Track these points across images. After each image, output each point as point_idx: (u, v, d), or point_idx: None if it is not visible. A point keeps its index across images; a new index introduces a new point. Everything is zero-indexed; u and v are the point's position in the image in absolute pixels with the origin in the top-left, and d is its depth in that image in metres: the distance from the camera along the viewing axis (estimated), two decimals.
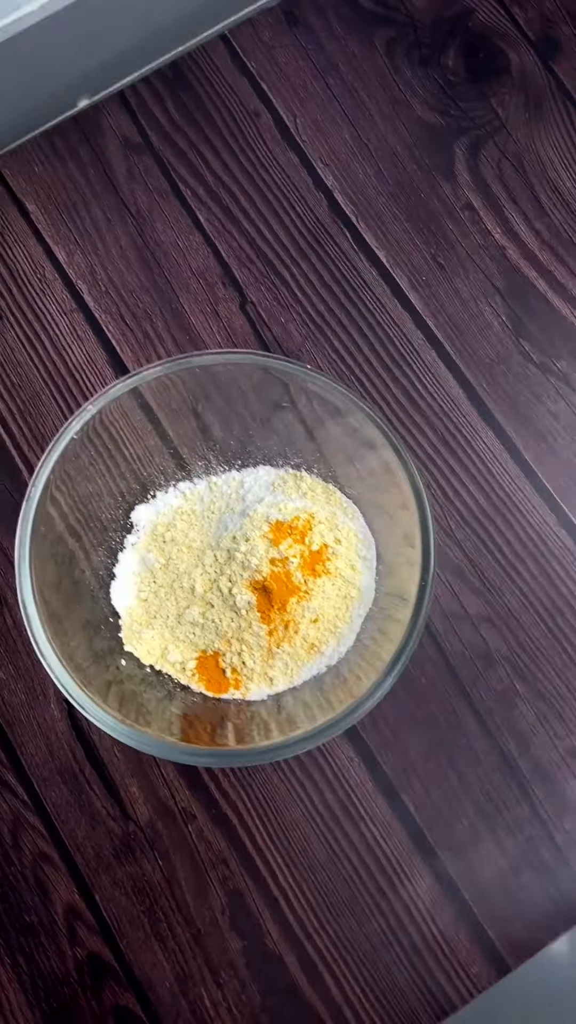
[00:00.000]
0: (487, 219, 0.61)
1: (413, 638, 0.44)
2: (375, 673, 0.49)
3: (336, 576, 0.50)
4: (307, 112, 0.63)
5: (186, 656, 0.51)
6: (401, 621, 0.48)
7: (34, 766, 0.53)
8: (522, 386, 0.58)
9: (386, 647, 0.49)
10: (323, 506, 0.53)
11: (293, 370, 0.50)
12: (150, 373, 0.50)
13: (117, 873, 0.51)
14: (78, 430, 0.48)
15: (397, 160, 0.62)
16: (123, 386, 0.49)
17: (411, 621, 0.44)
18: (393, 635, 0.49)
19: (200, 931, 0.51)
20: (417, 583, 0.45)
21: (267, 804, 0.52)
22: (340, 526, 0.52)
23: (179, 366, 0.50)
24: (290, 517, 0.51)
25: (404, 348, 0.59)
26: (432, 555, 0.45)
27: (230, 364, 0.51)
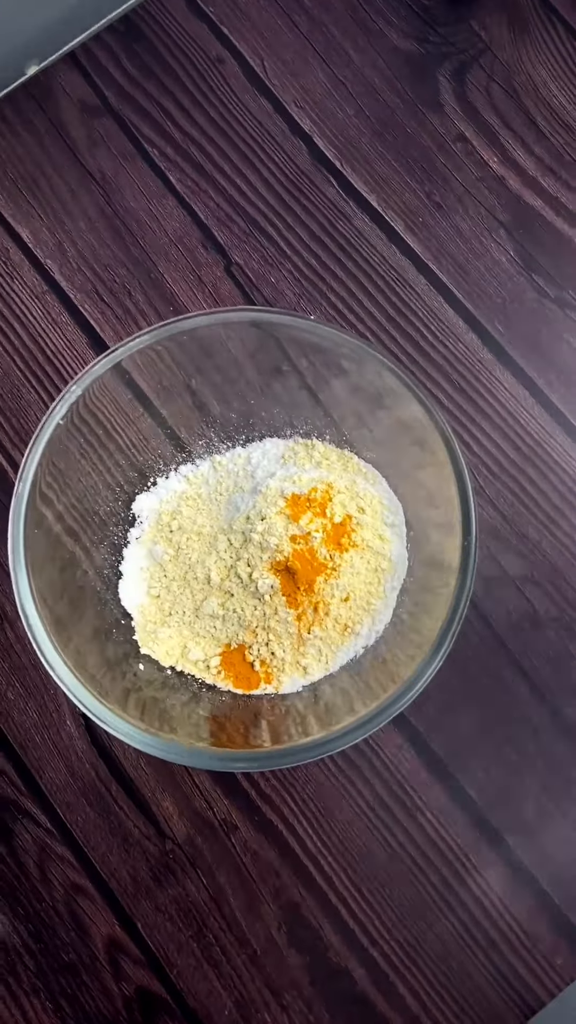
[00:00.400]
0: (482, 149, 0.56)
1: (461, 607, 0.40)
2: (416, 650, 0.44)
3: (364, 548, 0.46)
4: (275, 53, 0.58)
5: (209, 653, 0.47)
6: (440, 591, 0.44)
7: (55, 790, 0.48)
8: (540, 324, 0.53)
9: (426, 621, 0.45)
10: (340, 474, 0.48)
11: (289, 322, 0.46)
12: (134, 344, 0.45)
13: (158, 897, 0.47)
14: (64, 415, 0.43)
15: (378, 95, 0.57)
16: (107, 361, 0.44)
17: (457, 588, 0.40)
18: (432, 607, 0.44)
19: (256, 951, 0.46)
20: (459, 545, 0.40)
21: (314, 805, 0.47)
22: (362, 493, 0.47)
23: (163, 334, 0.45)
24: (307, 489, 0.46)
25: (408, 296, 0.54)
26: (473, 511, 0.40)
27: (219, 325, 0.46)
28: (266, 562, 0.45)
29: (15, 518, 0.41)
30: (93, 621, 0.47)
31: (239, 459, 0.50)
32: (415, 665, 0.42)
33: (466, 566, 0.40)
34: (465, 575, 0.40)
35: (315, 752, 0.40)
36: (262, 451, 0.50)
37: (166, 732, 0.42)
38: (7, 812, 0.48)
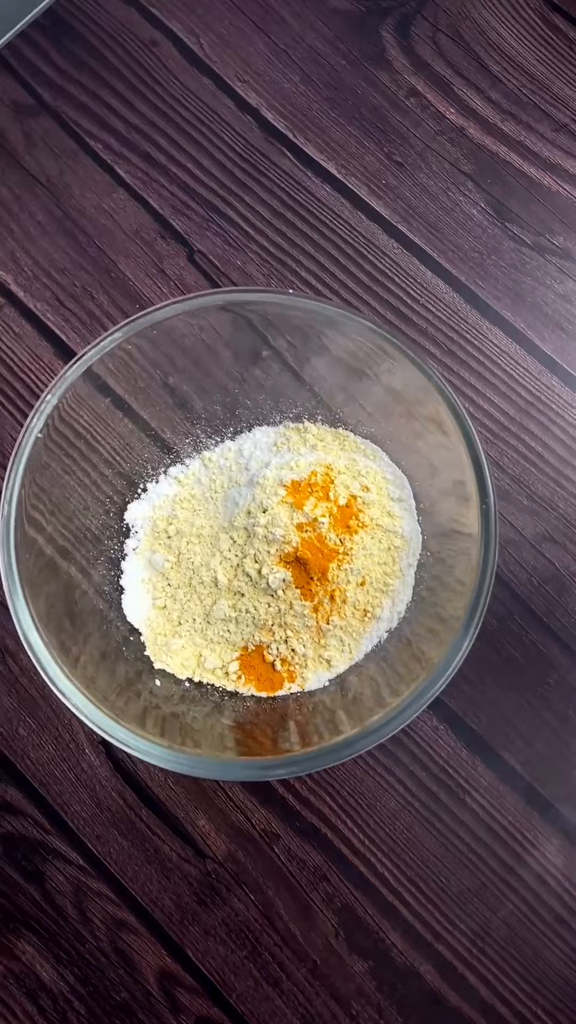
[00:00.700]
0: (436, 102, 0.54)
1: (488, 578, 0.37)
2: (441, 626, 0.42)
3: (373, 527, 0.44)
4: (210, 29, 0.56)
5: (226, 658, 0.44)
6: (458, 560, 0.42)
7: (83, 824, 0.45)
8: (521, 274, 0.51)
9: (447, 596, 0.42)
10: (338, 454, 0.46)
11: (261, 299, 0.43)
12: (104, 345, 0.43)
13: (206, 921, 0.44)
14: (41, 428, 0.40)
15: (322, 60, 0.55)
16: (78, 367, 0.42)
17: (481, 558, 0.37)
18: (452, 579, 0.42)
19: (316, 962, 0.44)
20: (478, 511, 0.38)
21: (356, 801, 0.45)
22: (364, 471, 0.45)
23: (132, 331, 0.43)
24: (306, 474, 0.44)
25: (381, 262, 0.52)
26: (487, 473, 0.38)
27: (187, 315, 0.44)
28: (274, 555, 0.43)
29: (4, 543, 0.38)
30: (99, 642, 0.44)
31: (230, 453, 0.48)
32: (443, 643, 0.39)
33: (488, 531, 0.37)
34: (488, 541, 0.38)
35: (355, 748, 0.37)
36: (253, 441, 0.48)
37: (190, 747, 0.40)
38: (36, 854, 0.45)
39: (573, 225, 0.52)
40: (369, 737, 0.37)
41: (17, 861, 0.45)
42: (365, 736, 0.37)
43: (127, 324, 0.43)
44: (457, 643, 0.37)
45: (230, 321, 0.46)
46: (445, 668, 0.37)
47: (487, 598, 0.37)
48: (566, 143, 0.53)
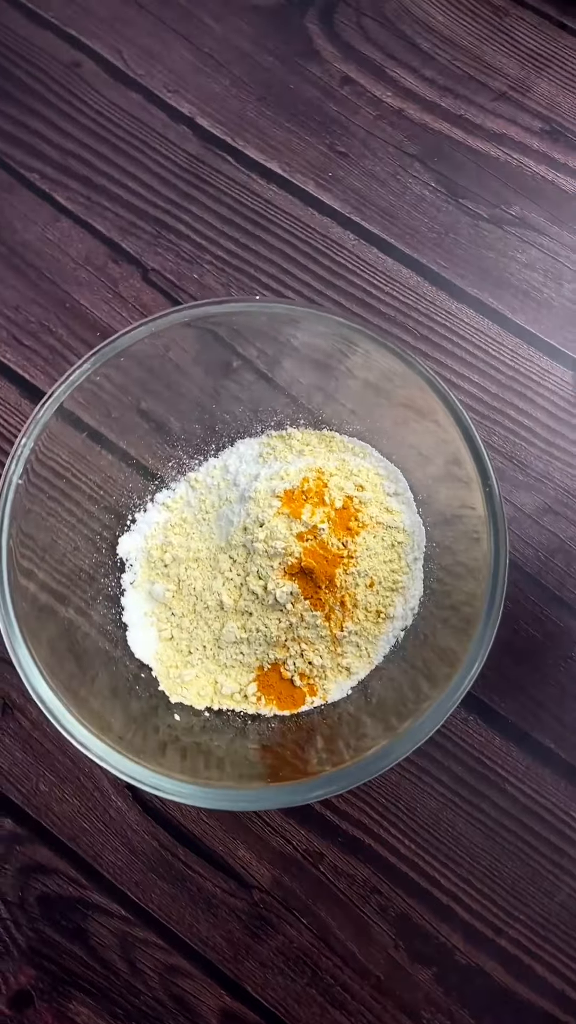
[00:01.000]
0: (372, 86, 0.53)
1: (502, 560, 0.36)
2: (453, 614, 0.41)
3: (374, 526, 0.42)
4: (131, 42, 0.54)
5: (242, 681, 0.43)
6: (464, 547, 0.41)
7: (119, 873, 0.44)
8: (482, 248, 0.50)
9: (458, 585, 0.42)
10: (327, 456, 0.45)
11: (222, 310, 0.42)
12: (73, 379, 0.41)
13: (261, 953, 0.43)
14: (20, 474, 0.39)
15: (249, 59, 0.54)
16: (50, 405, 0.41)
17: (492, 540, 0.36)
18: (460, 568, 0.41)
19: (380, 977, 0.43)
20: (480, 490, 0.37)
21: (395, 806, 0.44)
22: (355, 470, 0.44)
23: (99, 361, 0.41)
24: (297, 481, 0.42)
25: (339, 255, 0.51)
26: (483, 451, 0.37)
27: (152, 337, 0.42)
28: (278, 569, 0.41)
29: (0, 598, 0.37)
30: (109, 684, 0.43)
31: (215, 471, 0.46)
32: (463, 633, 0.38)
33: (495, 514, 0.37)
34: (497, 524, 0.37)
35: (394, 755, 0.36)
36: (237, 455, 0.46)
37: (218, 778, 0.39)
38: (75, 912, 0.43)
39: (527, 192, 0.51)
40: (406, 742, 0.36)
41: (57, 921, 0.43)
42: (403, 742, 0.36)
43: (93, 355, 0.41)
44: (481, 633, 0.36)
45: (196, 337, 0.45)
46: (473, 660, 0.36)
47: (504, 582, 0.36)
48: (507, 111, 0.52)
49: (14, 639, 0.37)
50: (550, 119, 0.52)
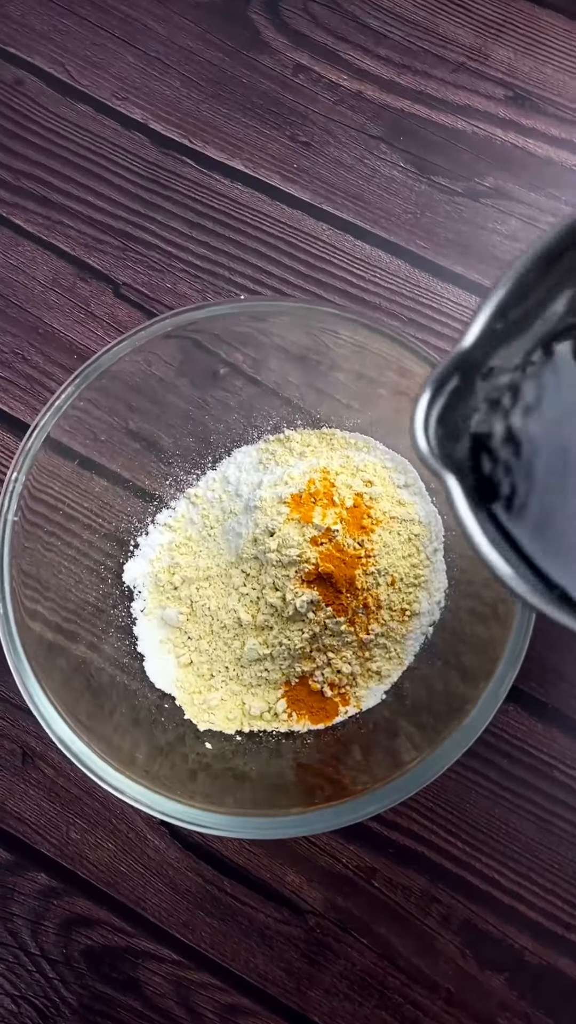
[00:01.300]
0: (326, 72, 0.52)
1: None
2: (480, 604, 0.40)
3: (388, 521, 0.41)
4: (74, 54, 0.52)
5: (270, 699, 0.41)
6: None
7: (166, 915, 0.42)
8: (460, 224, 0.49)
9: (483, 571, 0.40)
10: (330, 455, 0.43)
11: (200, 316, 0.40)
12: (58, 405, 0.39)
13: (324, 980, 0.41)
14: (15, 511, 0.37)
15: (197, 57, 0.52)
16: (37, 436, 0.39)
17: None
18: None
19: (451, 990, 0.41)
20: None
21: (443, 809, 0.42)
22: (361, 465, 0.42)
23: (82, 384, 0.40)
24: (303, 484, 0.41)
25: (315, 247, 0.49)
26: None
27: (132, 353, 0.41)
28: (294, 578, 0.39)
29: (10, 642, 0.34)
30: (130, 717, 0.41)
31: (215, 484, 0.44)
32: (492, 621, 0.37)
33: None
34: None
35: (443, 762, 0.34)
36: (236, 465, 0.44)
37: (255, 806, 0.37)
38: (125, 962, 0.41)
39: (499, 162, 0.49)
40: (456, 745, 0.34)
41: (107, 975, 0.41)
42: (451, 745, 0.34)
43: (75, 379, 0.39)
44: (520, 622, 0.34)
45: (177, 347, 0.43)
46: (516, 650, 0.34)
47: None
48: (468, 81, 0.51)
49: (28, 683, 0.35)
50: (512, 85, 0.51)
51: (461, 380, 0.23)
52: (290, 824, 0.34)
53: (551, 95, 0.51)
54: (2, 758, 0.43)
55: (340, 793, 0.37)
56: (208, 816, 0.35)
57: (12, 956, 0.41)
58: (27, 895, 0.42)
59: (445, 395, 0.23)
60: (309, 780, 0.39)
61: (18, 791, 0.43)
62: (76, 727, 0.36)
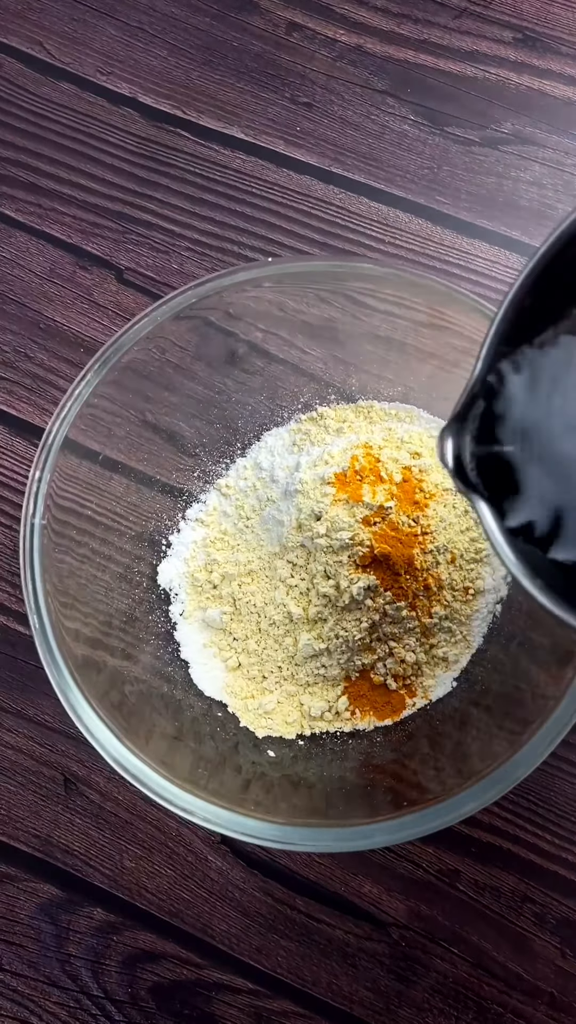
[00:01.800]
0: (322, 28, 0.49)
1: None
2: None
3: (441, 494, 0.38)
4: (52, 31, 0.49)
5: (330, 698, 0.38)
6: None
7: (236, 942, 0.38)
8: (481, 175, 0.46)
9: None
10: (369, 429, 0.40)
11: (210, 289, 0.37)
12: (75, 401, 0.36)
13: (415, 996, 0.38)
14: (41, 513, 0.33)
15: (183, 24, 0.49)
16: (55, 441, 0.35)
17: None
18: None
19: (553, 993, 0.37)
20: None
21: (527, 800, 0.39)
22: (405, 437, 0.39)
23: (93, 382, 0.36)
24: (346, 462, 0.37)
25: (327, 212, 0.46)
26: None
27: (142, 341, 0.37)
28: (348, 564, 0.36)
29: (50, 657, 0.31)
30: (178, 728, 0.37)
31: (247, 471, 0.41)
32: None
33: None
34: None
35: (534, 756, 0.31)
36: (267, 450, 0.41)
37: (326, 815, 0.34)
38: (197, 996, 0.38)
39: (515, 107, 0.46)
40: (550, 736, 0.31)
41: (178, 1011, 0.38)
42: (547, 737, 0.31)
43: (86, 378, 0.36)
44: None
45: (191, 329, 0.40)
46: None
47: None
48: (473, 26, 0.48)
49: (74, 700, 0.32)
50: (520, 27, 0.48)
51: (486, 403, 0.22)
52: (372, 833, 0.31)
53: (562, 34, 0.48)
54: (43, 787, 0.40)
55: (419, 795, 0.34)
56: (278, 830, 0.32)
57: (74, 1001, 0.38)
58: (84, 933, 0.39)
59: (474, 420, 0.22)
60: (383, 782, 0.36)
61: (63, 821, 0.40)
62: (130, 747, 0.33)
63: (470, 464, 0.22)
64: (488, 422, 0.22)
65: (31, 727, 0.40)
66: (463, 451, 0.22)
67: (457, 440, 0.22)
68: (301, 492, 0.37)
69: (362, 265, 0.35)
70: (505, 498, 0.22)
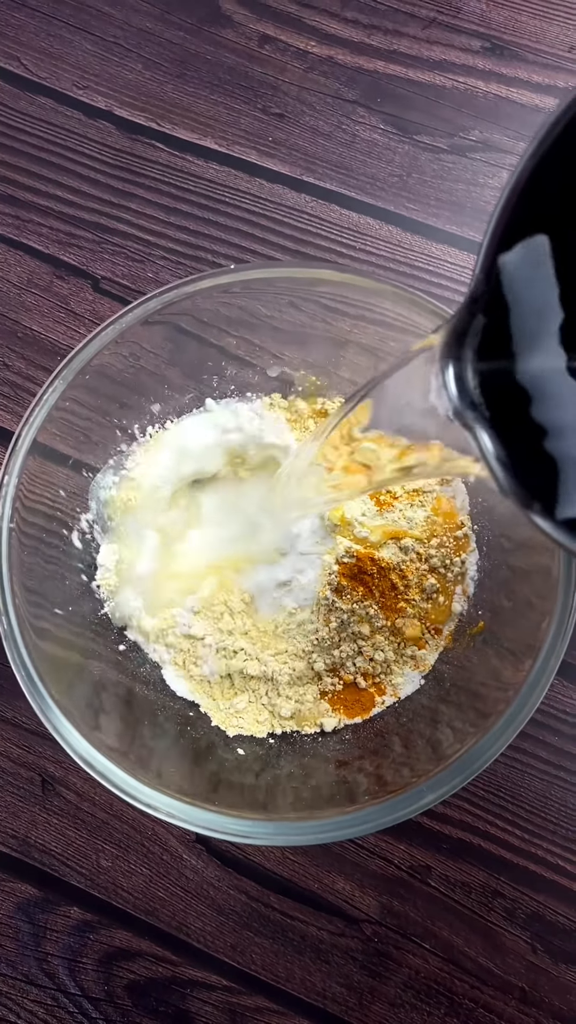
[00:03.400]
0: (293, 40, 0.49)
1: None
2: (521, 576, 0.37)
3: (408, 495, 0.38)
4: (28, 47, 0.50)
5: (300, 696, 0.38)
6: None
7: (211, 939, 0.39)
8: (450, 181, 0.47)
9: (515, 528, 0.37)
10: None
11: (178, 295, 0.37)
12: (43, 403, 0.37)
13: (388, 992, 0.38)
14: (9, 516, 0.34)
15: (157, 38, 0.50)
16: (23, 446, 0.36)
17: None
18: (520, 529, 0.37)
19: (524, 988, 0.38)
20: None
21: (497, 796, 0.40)
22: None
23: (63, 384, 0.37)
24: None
25: (300, 220, 0.47)
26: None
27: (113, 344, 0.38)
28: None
29: (18, 659, 0.32)
30: (153, 728, 0.38)
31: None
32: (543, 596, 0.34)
33: None
34: None
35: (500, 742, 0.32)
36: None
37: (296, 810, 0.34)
38: (172, 993, 0.38)
39: (483, 114, 0.47)
40: (507, 726, 0.31)
41: (154, 1008, 0.38)
42: (503, 726, 0.31)
43: (56, 379, 0.37)
44: (566, 582, 0.32)
45: (164, 335, 0.40)
46: (562, 620, 0.32)
47: None
48: (442, 36, 0.49)
49: (41, 701, 0.32)
50: (488, 36, 0.49)
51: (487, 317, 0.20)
52: (337, 826, 0.32)
53: (529, 42, 0.49)
54: (21, 787, 0.41)
55: (385, 789, 0.34)
56: (247, 825, 0.33)
57: (51, 999, 0.38)
58: (61, 932, 0.39)
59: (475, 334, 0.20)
60: (351, 778, 0.37)
61: (40, 821, 0.40)
62: (97, 745, 0.33)
63: (473, 384, 0.20)
64: (491, 335, 0.20)
65: (9, 729, 0.41)
66: (464, 372, 0.20)
67: (458, 364, 0.20)
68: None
69: (322, 271, 0.36)
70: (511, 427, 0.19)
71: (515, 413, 0.19)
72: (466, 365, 0.20)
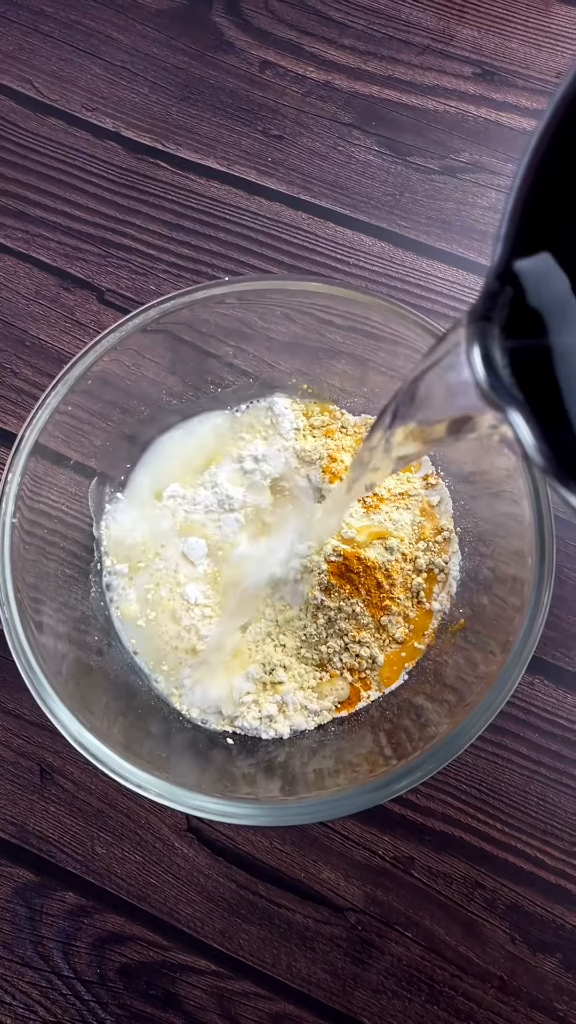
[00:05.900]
0: (293, 66, 0.52)
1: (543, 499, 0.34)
2: (501, 576, 0.39)
3: (394, 498, 0.40)
4: (40, 70, 0.52)
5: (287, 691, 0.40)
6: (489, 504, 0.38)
7: (200, 925, 0.40)
8: (440, 201, 0.49)
9: (494, 528, 0.39)
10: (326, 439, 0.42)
11: (176, 304, 0.39)
12: (45, 407, 0.38)
13: (370, 979, 0.39)
14: (12, 512, 0.36)
15: (164, 63, 0.52)
16: (26, 446, 0.38)
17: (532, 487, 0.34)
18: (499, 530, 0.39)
19: (503, 977, 0.39)
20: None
21: (477, 790, 0.41)
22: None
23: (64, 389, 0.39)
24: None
25: (296, 237, 0.49)
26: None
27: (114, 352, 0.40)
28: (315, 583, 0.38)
29: (19, 648, 0.33)
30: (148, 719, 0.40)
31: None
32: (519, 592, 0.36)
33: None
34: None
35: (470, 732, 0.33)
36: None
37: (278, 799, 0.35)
38: (162, 977, 0.40)
39: (473, 137, 0.49)
40: (481, 713, 0.33)
41: (144, 991, 0.40)
42: (477, 714, 0.33)
43: (57, 384, 0.39)
44: (539, 581, 0.33)
45: (164, 344, 0.42)
46: (534, 615, 0.33)
47: (552, 523, 0.34)
48: (434, 62, 0.51)
49: (41, 688, 0.34)
50: (479, 62, 0.51)
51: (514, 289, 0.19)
52: (316, 807, 0.33)
53: (519, 68, 0.51)
54: (20, 776, 0.42)
55: (365, 774, 0.35)
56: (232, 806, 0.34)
57: (45, 981, 0.40)
58: (56, 916, 0.41)
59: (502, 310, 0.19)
60: (336, 768, 0.38)
61: (38, 809, 0.42)
62: (95, 732, 0.35)
63: (502, 363, 0.19)
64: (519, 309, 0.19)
65: (10, 720, 0.43)
66: (492, 350, 0.19)
67: (484, 339, 0.19)
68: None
69: (311, 283, 0.38)
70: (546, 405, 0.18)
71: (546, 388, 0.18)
72: (493, 343, 0.19)
